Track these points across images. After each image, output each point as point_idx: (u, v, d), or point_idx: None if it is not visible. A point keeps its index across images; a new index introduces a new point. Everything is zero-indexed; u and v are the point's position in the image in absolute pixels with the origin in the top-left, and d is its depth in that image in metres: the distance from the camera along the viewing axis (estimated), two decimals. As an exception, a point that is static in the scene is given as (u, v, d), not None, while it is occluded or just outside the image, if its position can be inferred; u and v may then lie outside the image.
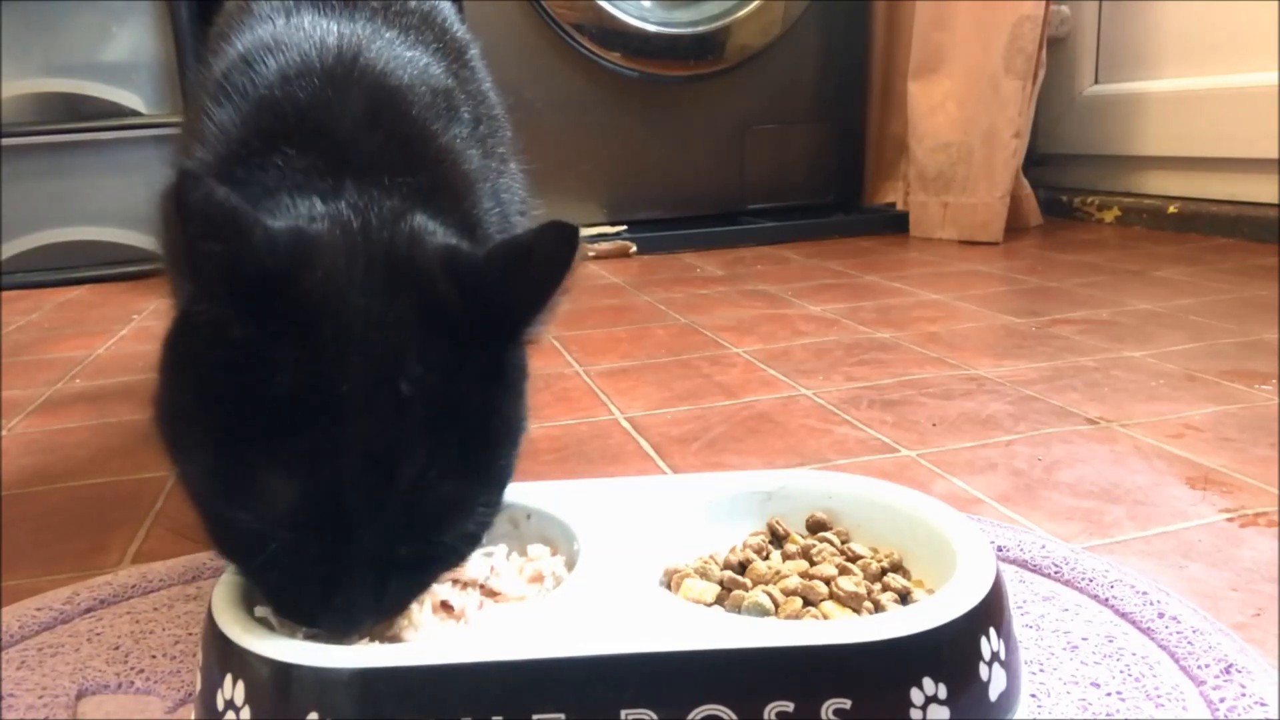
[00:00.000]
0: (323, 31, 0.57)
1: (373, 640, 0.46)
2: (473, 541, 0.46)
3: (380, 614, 0.44)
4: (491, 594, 0.51)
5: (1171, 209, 1.93)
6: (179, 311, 0.44)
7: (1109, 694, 0.48)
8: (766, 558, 0.52)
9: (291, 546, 0.41)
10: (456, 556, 0.46)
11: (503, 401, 0.45)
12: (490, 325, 0.43)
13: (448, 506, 0.43)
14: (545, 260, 0.43)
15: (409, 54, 0.60)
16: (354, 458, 0.40)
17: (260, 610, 0.46)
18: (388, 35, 0.60)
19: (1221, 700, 0.47)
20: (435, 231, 0.47)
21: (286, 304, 0.41)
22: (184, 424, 0.44)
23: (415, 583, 0.45)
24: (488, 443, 0.44)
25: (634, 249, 1.97)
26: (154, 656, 0.56)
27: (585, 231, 2.00)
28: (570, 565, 0.51)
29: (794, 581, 0.48)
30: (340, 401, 0.40)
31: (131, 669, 0.55)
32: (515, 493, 0.55)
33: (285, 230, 0.43)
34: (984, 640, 0.42)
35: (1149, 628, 0.54)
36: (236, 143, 0.51)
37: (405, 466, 0.41)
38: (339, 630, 0.43)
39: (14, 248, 1.97)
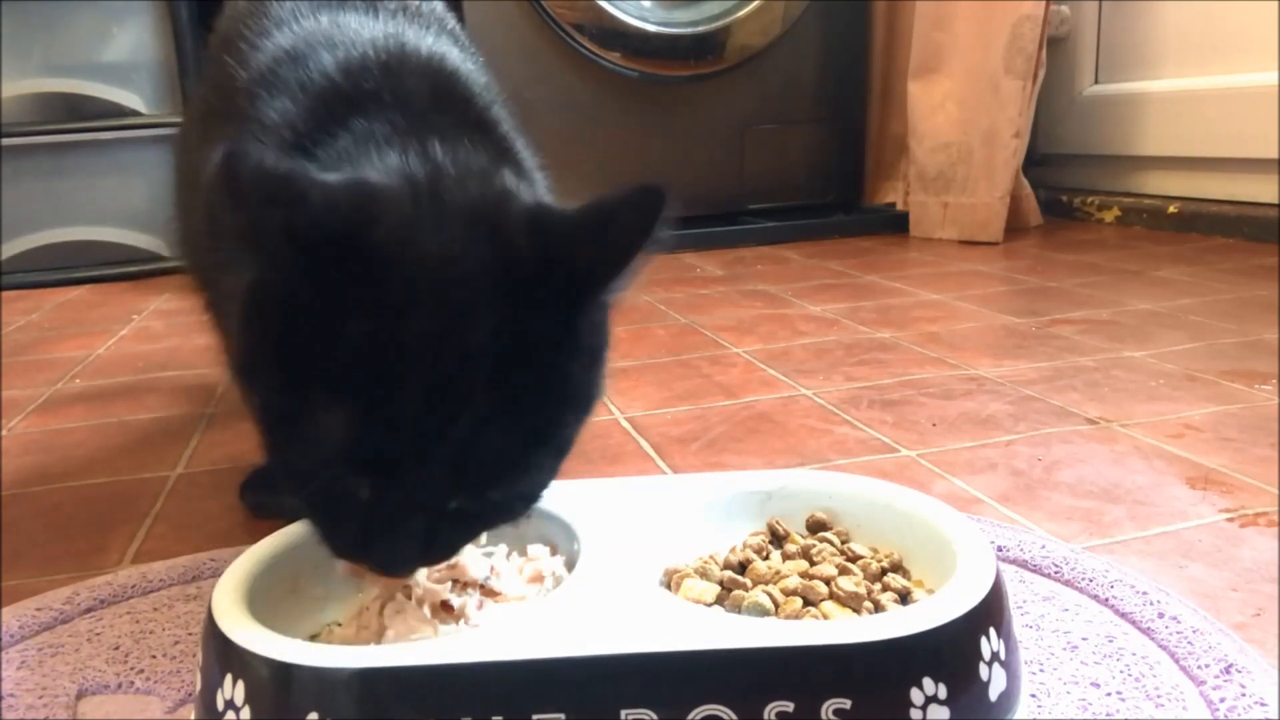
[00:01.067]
0: (371, 29, 0.58)
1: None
2: (527, 502, 0.46)
3: (426, 560, 0.45)
4: (491, 594, 0.51)
5: (1171, 209, 1.93)
6: (251, 279, 0.43)
7: (1109, 694, 0.48)
8: (766, 558, 0.52)
9: (344, 485, 0.42)
10: (509, 514, 0.46)
11: (573, 365, 0.44)
12: (566, 285, 0.43)
13: (503, 463, 0.43)
14: (629, 222, 0.42)
15: (448, 48, 0.61)
16: (411, 404, 0.40)
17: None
18: (421, 31, 0.61)
19: (1221, 700, 0.47)
20: (522, 189, 0.48)
21: (354, 260, 0.41)
22: (256, 365, 0.44)
23: (464, 532, 0.45)
24: (552, 405, 0.44)
25: (634, 249, 1.96)
26: (154, 656, 0.56)
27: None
28: (570, 565, 0.51)
29: (794, 581, 0.48)
30: (403, 348, 0.40)
31: (131, 669, 0.55)
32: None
33: (347, 186, 0.43)
34: (984, 640, 0.42)
35: (1149, 628, 0.54)
36: (304, 132, 0.51)
37: (462, 417, 0.41)
38: (387, 570, 0.44)
39: (14, 248, 1.97)
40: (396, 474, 0.41)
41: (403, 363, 0.40)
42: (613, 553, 0.49)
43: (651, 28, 2.04)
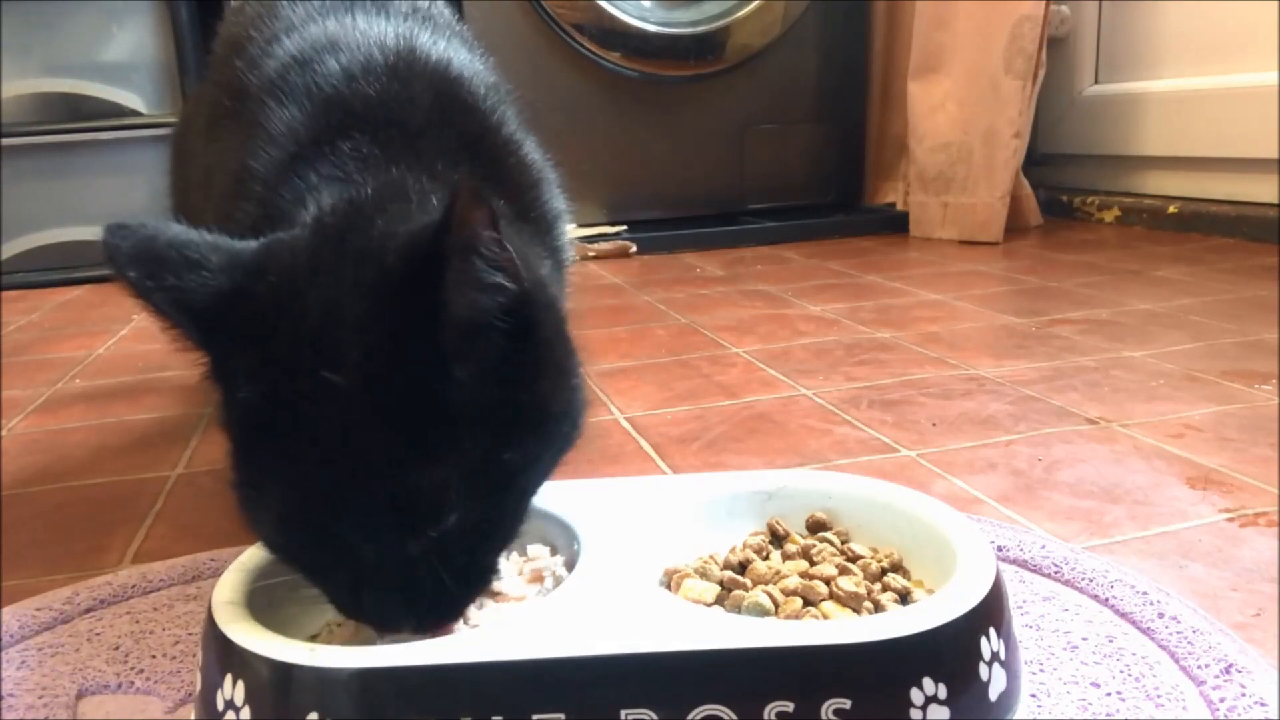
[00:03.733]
0: (379, 30, 0.58)
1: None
2: (484, 538, 0.44)
3: (426, 614, 0.43)
4: (491, 594, 0.51)
5: (1171, 209, 1.93)
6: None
7: (1109, 694, 0.48)
8: (766, 558, 0.52)
9: (304, 554, 0.42)
10: (477, 555, 0.44)
11: (478, 379, 0.41)
12: (420, 291, 0.40)
13: (421, 494, 0.41)
14: (456, 213, 0.39)
15: (457, 50, 0.61)
16: (314, 459, 0.40)
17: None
18: (432, 34, 0.61)
19: (1221, 700, 0.47)
20: (431, 190, 0.46)
21: (244, 315, 0.41)
22: (233, 461, 0.45)
23: (450, 581, 0.43)
24: (464, 424, 0.41)
25: (634, 249, 1.97)
26: (154, 656, 0.56)
27: (585, 231, 2.00)
28: (570, 565, 0.51)
29: (794, 581, 0.48)
30: (293, 404, 0.40)
31: (131, 669, 0.55)
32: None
33: (255, 244, 0.43)
34: (984, 640, 0.42)
35: (1149, 628, 0.54)
36: (307, 142, 0.51)
37: (357, 457, 0.40)
38: (384, 627, 0.43)
39: (14, 248, 1.97)
40: (330, 531, 0.41)
41: (293, 419, 0.40)
42: (613, 553, 0.49)
43: (651, 28, 2.04)
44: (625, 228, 2.07)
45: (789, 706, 0.39)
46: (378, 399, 0.40)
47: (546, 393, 0.45)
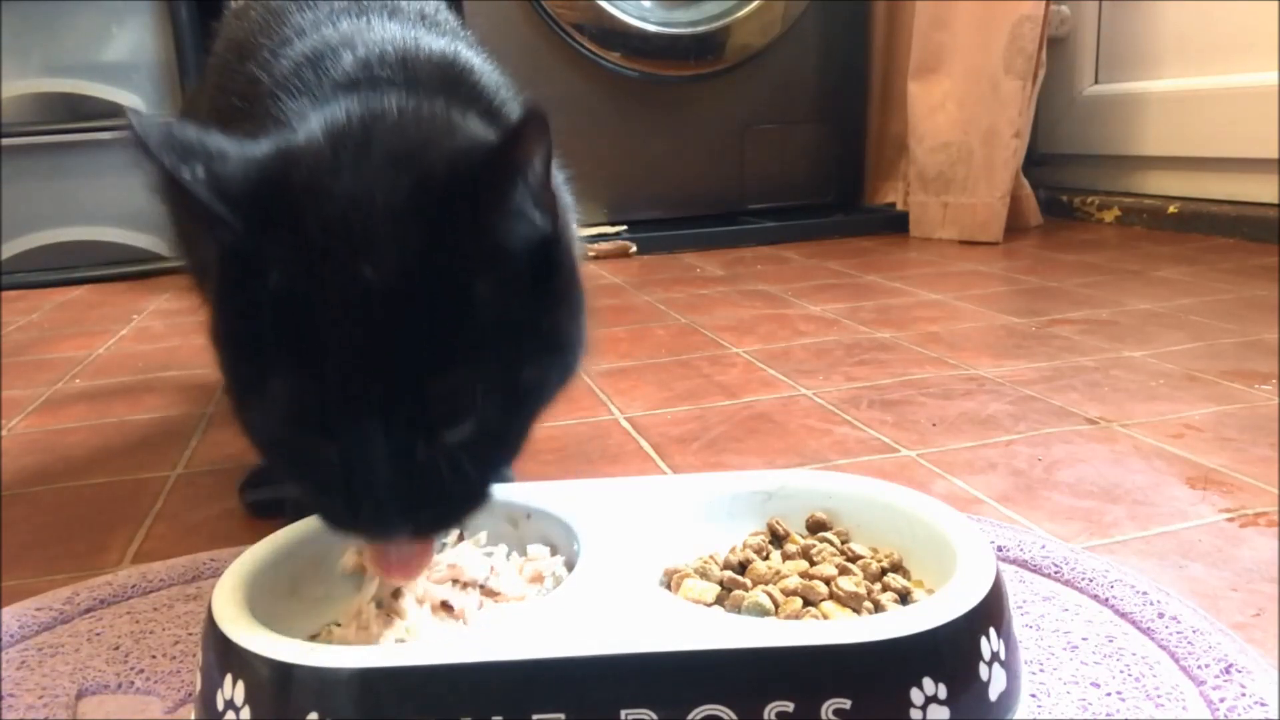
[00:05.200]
0: (388, 30, 0.60)
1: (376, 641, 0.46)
2: (492, 448, 0.44)
3: (419, 524, 0.43)
4: (491, 594, 0.51)
5: (1171, 209, 1.93)
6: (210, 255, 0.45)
7: (1109, 694, 0.48)
8: (766, 558, 0.52)
9: (304, 448, 0.42)
10: (481, 464, 0.44)
11: (507, 294, 0.43)
12: (467, 202, 0.41)
13: (441, 398, 0.41)
14: (517, 133, 0.41)
15: (464, 49, 0.62)
16: (334, 350, 0.40)
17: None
18: (441, 38, 0.62)
19: (1221, 700, 0.47)
20: (477, 129, 0.48)
21: (275, 205, 0.41)
22: (219, 343, 0.45)
23: (449, 492, 0.43)
24: (489, 336, 0.42)
25: (634, 249, 1.97)
26: (154, 656, 0.56)
27: (585, 231, 2.00)
28: (570, 565, 0.51)
29: (794, 581, 0.48)
30: (320, 294, 0.40)
31: (131, 669, 0.55)
32: (515, 493, 0.56)
33: (268, 143, 0.44)
34: (984, 640, 0.42)
35: (1149, 628, 0.54)
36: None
37: (381, 355, 0.40)
38: (375, 534, 0.43)
39: (14, 248, 1.97)
40: (340, 427, 0.40)
41: (324, 309, 0.40)
42: (613, 553, 0.49)
43: (651, 28, 2.04)
44: (625, 228, 2.07)
45: (789, 706, 0.39)
46: (409, 298, 0.40)
47: (561, 323, 0.47)
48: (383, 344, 0.40)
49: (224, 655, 0.43)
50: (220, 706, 0.42)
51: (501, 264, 0.43)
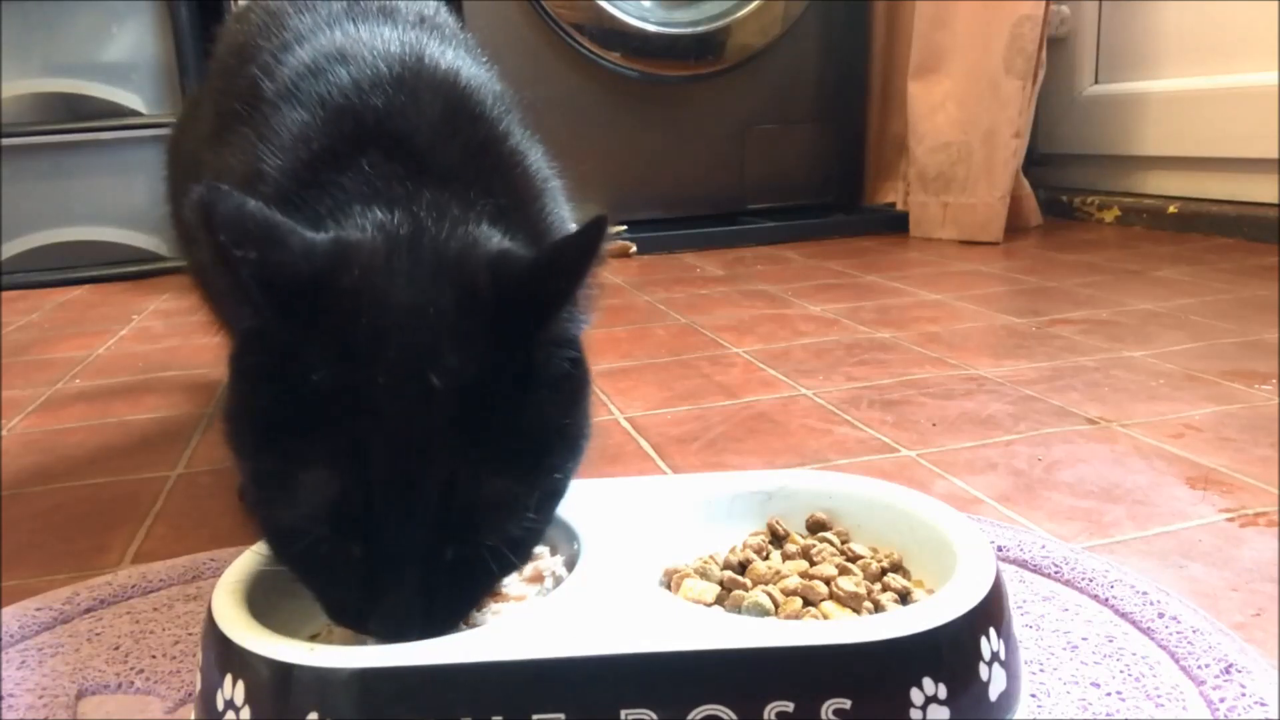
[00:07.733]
0: (385, 40, 0.59)
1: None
2: (520, 548, 0.45)
3: (432, 623, 0.43)
4: (491, 594, 0.51)
5: (1171, 209, 1.93)
6: (238, 335, 0.45)
7: (1109, 694, 0.48)
8: (766, 558, 0.52)
9: (333, 544, 0.42)
10: (506, 564, 0.44)
11: (547, 402, 0.44)
12: (523, 319, 0.43)
13: (489, 505, 0.42)
14: (574, 251, 0.43)
15: (463, 60, 0.61)
16: (387, 451, 0.40)
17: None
18: (439, 43, 0.62)
19: (1221, 700, 0.47)
20: (492, 237, 0.48)
21: (324, 303, 0.41)
22: (239, 428, 0.44)
23: (466, 591, 0.45)
24: (532, 443, 0.44)
25: (634, 249, 1.97)
26: (154, 656, 0.56)
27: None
28: (570, 565, 0.51)
29: (794, 581, 0.48)
30: (374, 395, 0.40)
31: (131, 669, 0.55)
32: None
33: (326, 238, 0.44)
34: (984, 640, 0.42)
35: (1149, 628, 0.54)
36: (319, 150, 0.52)
37: (439, 460, 0.41)
38: (390, 635, 0.42)
39: (14, 248, 1.97)
40: (382, 526, 0.41)
41: (373, 410, 0.40)
42: (613, 553, 0.49)
43: (651, 28, 2.04)
44: (625, 228, 2.07)
45: (789, 706, 0.39)
46: (469, 407, 0.41)
47: (582, 416, 0.48)
48: (441, 450, 0.41)
49: (224, 655, 0.43)
50: (220, 706, 0.42)
51: (534, 368, 0.44)
